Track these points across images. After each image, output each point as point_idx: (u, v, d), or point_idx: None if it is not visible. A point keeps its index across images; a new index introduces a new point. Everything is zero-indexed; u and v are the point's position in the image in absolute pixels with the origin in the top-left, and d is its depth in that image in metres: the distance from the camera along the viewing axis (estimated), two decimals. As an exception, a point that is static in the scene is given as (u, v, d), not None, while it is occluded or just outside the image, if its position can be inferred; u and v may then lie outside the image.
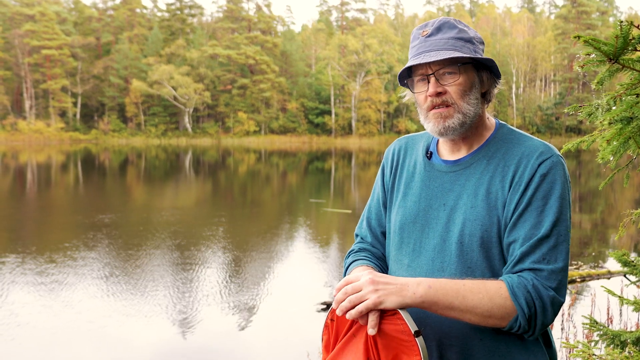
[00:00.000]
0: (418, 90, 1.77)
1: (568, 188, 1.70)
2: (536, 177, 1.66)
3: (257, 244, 12.18)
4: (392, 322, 1.59)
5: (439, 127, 1.72)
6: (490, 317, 1.58)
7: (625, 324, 6.46)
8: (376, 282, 1.55)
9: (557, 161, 1.69)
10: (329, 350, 1.71)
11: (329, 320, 1.73)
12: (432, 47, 1.70)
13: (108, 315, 7.53)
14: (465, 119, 1.72)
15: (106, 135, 78.01)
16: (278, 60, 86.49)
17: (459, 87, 1.71)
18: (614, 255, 3.94)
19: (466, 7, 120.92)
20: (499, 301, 1.57)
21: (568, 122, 75.89)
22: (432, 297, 1.56)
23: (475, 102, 1.73)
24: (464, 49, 1.70)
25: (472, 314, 1.58)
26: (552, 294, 1.59)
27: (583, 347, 3.04)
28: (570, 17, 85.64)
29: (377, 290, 1.54)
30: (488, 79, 1.78)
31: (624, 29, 1.27)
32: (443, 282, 1.59)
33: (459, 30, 1.73)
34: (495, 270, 1.68)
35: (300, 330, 7.13)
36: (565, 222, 1.65)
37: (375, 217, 2.01)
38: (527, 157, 1.70)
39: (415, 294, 1.55)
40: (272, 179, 30.59)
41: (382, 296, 1.54)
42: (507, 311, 1.57)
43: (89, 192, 23.65)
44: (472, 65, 1.73)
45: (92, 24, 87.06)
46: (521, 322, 1.58)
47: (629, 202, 18.61)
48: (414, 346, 1.56)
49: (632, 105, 1.33)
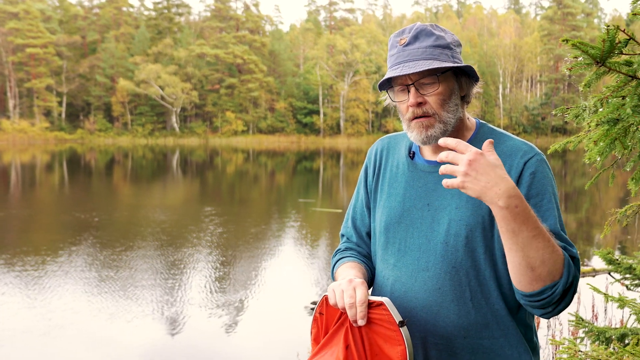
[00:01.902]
0: (399, 99, 1.79)
1: (555, 184, 1.75)
2: (525, 175, 1.69)
3: (246, 244, 12.16)
4: (377, 312, 1.62)
5: (422, 136, 1.75)
6: (538, 269, 1.52)
7: (610, 320, 6.55)
8: (472, 167, 1.47)
9: (541, 159, 1.73)
10: (319, 342, 1.73)
11: (318, 313, 1.76)
12: (411, 57, 1.72)
13: (96, 315, 7.50)
14: (446, 127, 1.75)
15: (92, 135, 77.41)
16: (266, 59, 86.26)
17: (439, 97, 1.73)
18: (599, 253, 3.99)
19: (453, 8, 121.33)
20: (556, 258, 1.53)
21: (554, 123, 76.31)
22: (512, 212, 1.48)
23: (455, 108, 1.76)
24: (442, 57, 1.72)
25: (527, 253, 1.51)
26: (578, 276, 1.60)
27: (569, 343, 3.09)
28: (555, 18, 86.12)
29: (467, 175, 1.47)
30: (467, 83, 1.81)
31: (611, 33, 1.31)
32: (530, 212, 1.50)
33: (436, 37, 1.74)
34: (479, 269, 1.71)
35: (289, 329, 7.14)
36: (560, 215, 1.70)
37: (359, 217, 2.04)
38: (510, 156, 1.73)
39: (499, 200, 1.47)
40: (261, 178, 30.53)
41: (467, 182, 1.48)
42: (553, 272, 1.53)
43: (75, 192, 23.49)
44: (451, 72, 1.76)
45: (77, 22, 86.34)
46: (558, 289, 1.54)
47: (614, 201, 18.76)
48: (398, 336, 1.59)
49: (618, 107, 1.38)
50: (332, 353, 1.64)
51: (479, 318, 1.72)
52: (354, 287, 1.64)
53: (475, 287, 1.72)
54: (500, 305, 1.72)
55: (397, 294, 1.79)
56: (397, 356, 1.59)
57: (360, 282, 1.66)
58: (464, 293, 1.71)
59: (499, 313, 1.72)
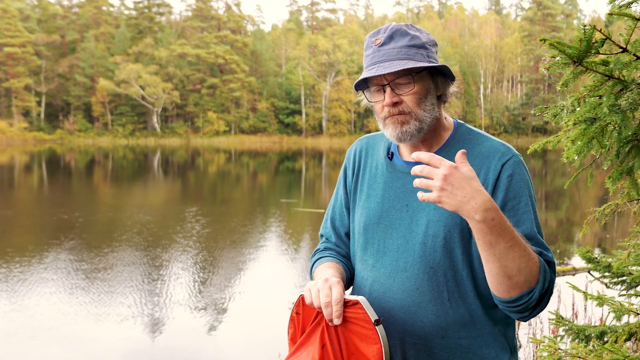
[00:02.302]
0: (375, 99, 1.79)
1: (532, 186, 1.76)
2: (502, 178, 1.69)
3: (228, 244, 12.12)
4: (353, 311, 1.62)
5: (397, 132, 1.75)
6: (515, 277, 1.54)
7: (590, 318, 6.61)
8: (447, 182, 1.47)
9: (519, 160, 1.73)
10: (295, 342, 1.73)
11: (295, 313, 1.75)
12: (386, 57, 1.72)
13: (79, 316, 7.44)
14: (422, 125, 1.74)
15: (72, 135, 76.75)
16: (248, 59, 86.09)
17: (415, 96, 1.73)
18: (579, 252, 4.03)
19: (435, 9, 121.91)
20: (532, 266, 1.55)
21: (534, 123, 76.96)
22: (488, 226, 1.49)
23: (431, 107, 1.76)
24: (417, 57, 1.72)
25: (504, 263, 1.52)
26: (554, 279, 1.64)
27: (549, 342, 3.11)
28: (536, 19, 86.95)
29: (443, 189, 1.47)
30: (443, 82, 1.80)
31: (588, 33, 1.32)
32: (506, 223, 1.51)
33: (411, 37, 1.74)
34: (457, 270, 1.72)
35: (271, 329, 7.12)
36: (537, 218, 1.72)
37: (338, 217, 2.04)
38: (488, 157, 1.73)
39: (476, 214, 1.47)
40: (243, 179, 30.45)
41: (443, 197, 1.47)
42: (530, 279, 1.55)
43: (55, 193, 23.26)
44: (426, 72, 1.75)
45: (56, 22, 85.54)
46: (534, 295, 1.56)
47: (593, 200, 18.96)
48: (374, 335, 1.59)
49: (595, 106, 1.39)
50: (309, 352, 1.63)
51: (456, 318, 1.72)
52: (330, 286, 1.63)
53: (452, 287, 1.72)
54: (478, 305, 1.73)
55: (376, 295, 1.79)
56: (373, 355, 1.59)
57: (337, 281, 1.65)
58: (442, 293, 1.72)
59: (477, 313, 1.73)
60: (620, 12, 1.35)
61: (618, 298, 3.60)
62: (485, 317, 1.73)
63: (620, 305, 3.29)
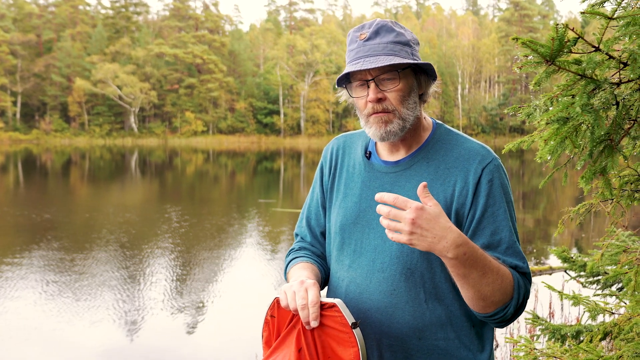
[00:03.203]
0: (357, 95, 1.76)
1: (510, 190, 1.76)
2: (483, 183, 1.69)
3: (206, 245, 12.06)
4: (329, 314, 1.59)
5: (381, 132, 1.72)
6: (489, 298, 1.58)
7: (567, 318, 6.66)
8: (416, 225, 1.48)
9: (498, 164, 1.73)
10: (270, 346, 1.70)
11: (269, 316, 1.72)
12: (371, 52, 1.69)
13: (54, 316, 7.38)
14: (405, 123, 1.73)
15: (48, 135, 75.93)
16: (226, 59, 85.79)
17: (399, 93, 1.71)
18: (555, 252, 4.05)
19: (413, 9, 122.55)
20: (506, 285, 1.60)
21: (512, 123, 77.67)
22: (460, 261, 1.52)
23: (413, 105, 1.74)
24: (402, 53, 1.70)
25: (478, 289, 1.57)
26: (529, 289, 1.68)
27: (525, 341, 3.12)
28: (513, 20, 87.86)
29: (413, 233, 1.49)
30: (425, 81, 1.79)
31: (560, 32, 1.30)
32: (477, 253, 1.55)
33: (396, 33, 1.72)
34: (435, 271, 1.70)
35: (249, 330, 7.10)
36: (515, 224, 1.73)
37: (314, 216, 2.01)
38: (468, 160, 1.72)
39: (448, 253, 1.50)
40: (221, 179, 30.34)
41: (414, 240, 1.50)
42: (505, 297, 1.60)
43: (31, 194, 22.98)
44: (410, 70, 1.74)
45: (32, 21, 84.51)
46: (509, 310, 1.62)
47: (570, 200, 19.16)
48: (351, 338, 1.57)
49: (568, 106, 1.38)
50: (284, 356, 1.61)
51: (433, 319, 1.71)
52: (306, 288, 1.61)
53: (430, 288, 1.71)
54: (455, 306, 1.72)
55: (352, 295, 1.77)
56: (350, 358, 1.57)
57: (312, 284, 1.63)
58: (419, 294, 1.70)
59: (454, 314, 1.72)
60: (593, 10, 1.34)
61: (593, 297, 3.62)
62: (463, 319, 1.72)
63: (595, 305, 3.31)
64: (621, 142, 1.65)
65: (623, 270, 2.37)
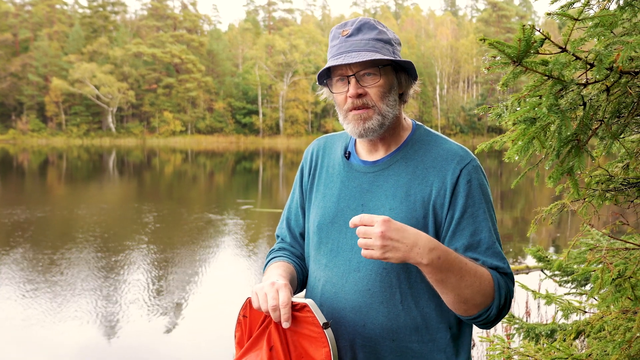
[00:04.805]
0: (337, 90, 1.76)
1: (489, 190, 1.76)
2: (461, 184, 1.69)
3: (184, 245, 12.02)
4: (301, 314, 1.59)
5: (359, 128, 1.72)
6: (470, 301, 1.59)
7: (542, 317, 6.71)
8: (386, 237, 1.49)
9: (477, 165, 1.73)
10: (242, 346, 1.70)
11: (242, 316, 1.71)
12: (353, 48, 1.69)
13: (33, 316, 7.34)
14: (384, 120, 1.72)
15: (25, 135, 75.02)
16: (204, 59, 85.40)
17: (380, 89, 1.71)
18: (530, 251, 4.09)
19: (391, 9, 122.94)
20: (485, 286, 1.60)
21: (490, 123, 77.93)
22: (436, 266, 1.53)
23: (393, 103, 1.74)
24: (383, 50, 1.70)
25: (457, 292, 1.57)
26: (512, 289, 1.68)
27: (499, 341, 3.14)
28: (491, 20, 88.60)
29: (385, 247, 1.49)
30: (406, 80, 1.79)
31: (527, 33, 1.31)
32: (450, 256, 1.56)
33: (379, 31, 1.72)
34: (411, 272, 1.69)
35: (226, 329, 7.08)
36: (495, 224, 1.73)
37: (294, 217, 2.01)
38: (446, 161, 1.72)
39: (422, 259, 1.51)
40: (200, 179, 30.21)
41: (387, 253, 1.50)
42: (486, 299, 1.60)
43: (7, 194, 22.71)
44: (391, 67, 1.74)
45: (8, 20, 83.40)
46: (492, 311, 1.62)
47: (547, 200, 19.35)
48: (322, 338, 1.57)
49: (535, 106, 1.38)
50: (257, 355, 1.60)
51: (408, 321, 1.70)
52: (277, 289, 1.60)
53: (405, 289, 1.70)
54: (431, 308, 1.71)
55: (328, 295, 1.77)
56: (321, 358, 1.57)
57: (284, 284, 1.62)
58: (394, 295, 1.70)
59: (430, 316, 1.71)
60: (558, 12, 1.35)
61: (566, 296, 3.66)
62: (439, 321, 1.72)
63: (568, 304, 3.34)
64: (592, 143, 1.67)
65: (591, 268, 2.40)
